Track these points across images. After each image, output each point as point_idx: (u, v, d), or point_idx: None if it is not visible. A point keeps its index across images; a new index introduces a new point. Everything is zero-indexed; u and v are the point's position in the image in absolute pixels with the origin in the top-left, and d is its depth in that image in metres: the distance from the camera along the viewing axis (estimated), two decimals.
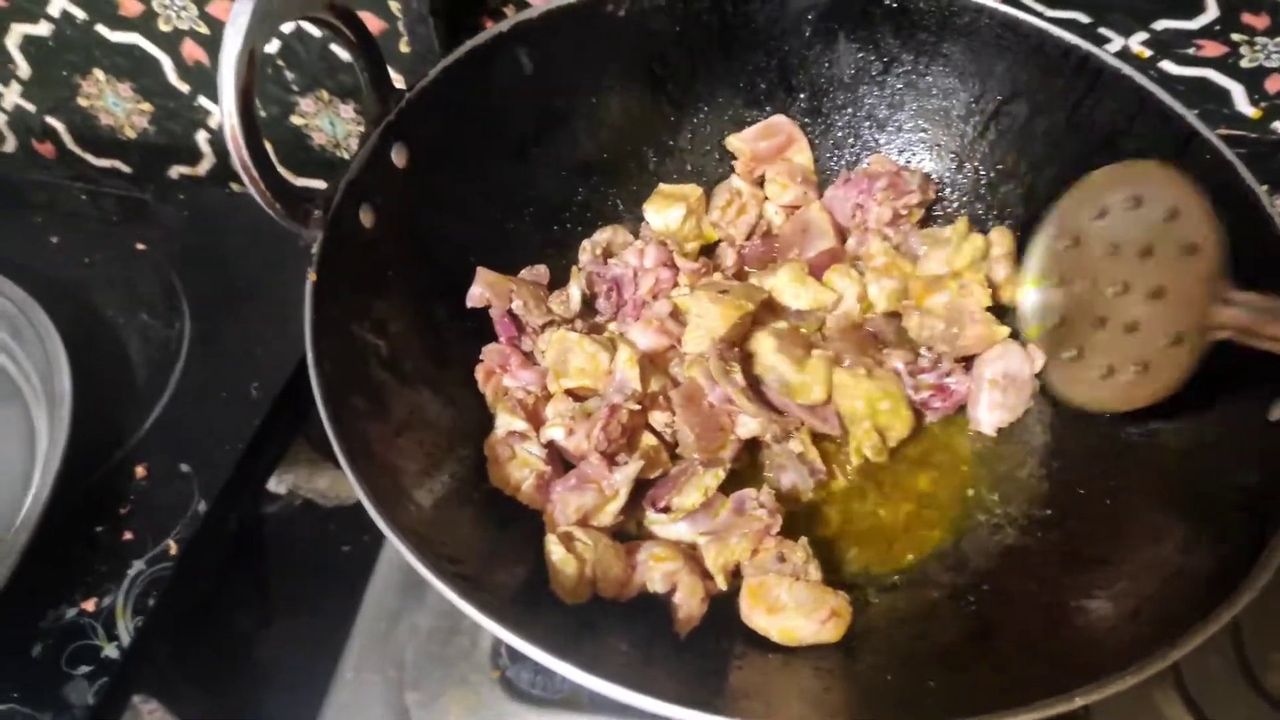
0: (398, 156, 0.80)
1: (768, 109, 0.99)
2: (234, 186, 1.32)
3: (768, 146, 0.98)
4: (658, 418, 0.82)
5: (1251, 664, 0.80)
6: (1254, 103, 1.07)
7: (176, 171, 1.33)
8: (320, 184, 1.27)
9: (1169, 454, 0.76)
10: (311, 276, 0.70)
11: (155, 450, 0.94)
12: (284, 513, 0.98)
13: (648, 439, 0.80)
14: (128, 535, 0.88)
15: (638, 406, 0.79)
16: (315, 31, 1.11)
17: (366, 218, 0.77)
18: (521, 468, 0.79)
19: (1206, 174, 0.77)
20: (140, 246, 1.12)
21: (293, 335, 0.99)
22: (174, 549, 0.87)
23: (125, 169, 1.34)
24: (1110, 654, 0.59)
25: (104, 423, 0.95)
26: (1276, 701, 0.78)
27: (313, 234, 0.71)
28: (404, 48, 1.09)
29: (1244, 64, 1.11)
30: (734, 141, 0.99)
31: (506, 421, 0.82)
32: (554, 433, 0.79)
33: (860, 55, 0.95)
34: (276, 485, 0.99)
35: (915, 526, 0.82)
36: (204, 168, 1.32)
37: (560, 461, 0.81)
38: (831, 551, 0.81)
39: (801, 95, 0.98)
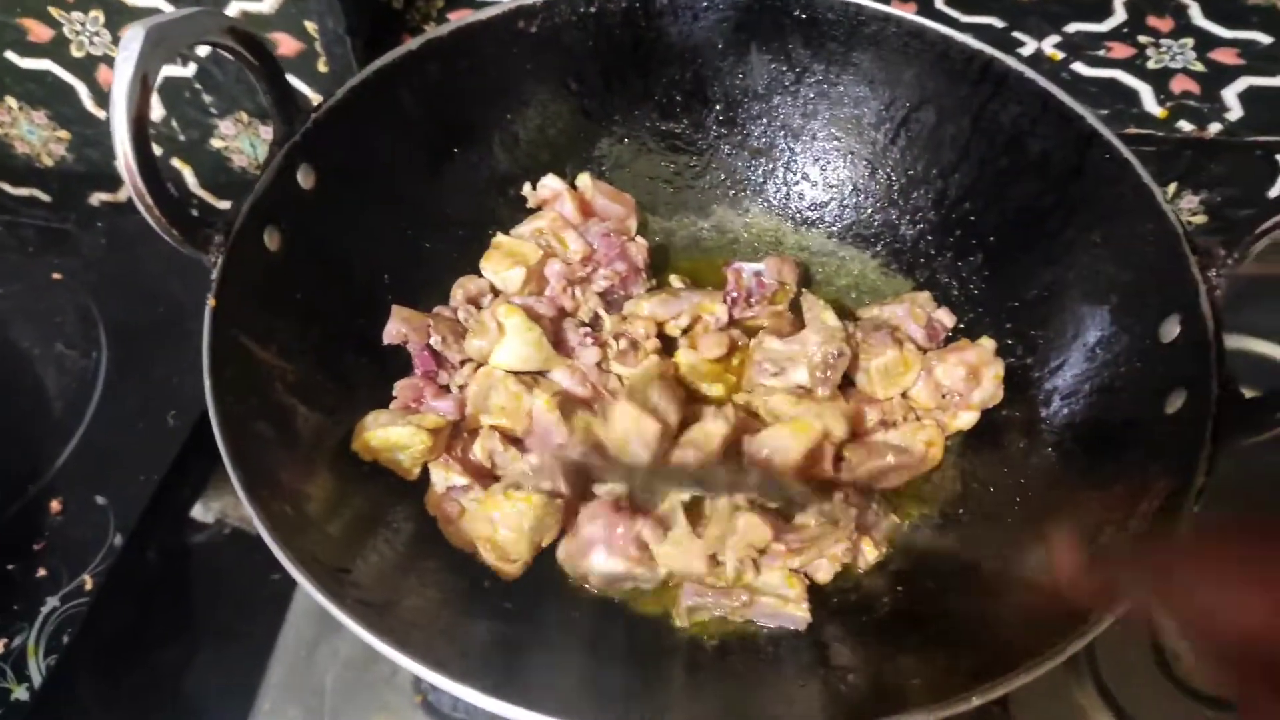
0: (304, 178, 0.79)
1: (684, 121, 1.00)
2: None
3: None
4: None
5: (1164, 653, 0.82)
6: (1161, 102, 1.10)
7: (97, 199, 1.31)
8: None
9: (1075, 452, 0.77)
10: (211, 302, 0.69)
11: (71, 483, 0.92)
12: (211, 541, 0.96)
13: None
14: (41, 572, 0.86)
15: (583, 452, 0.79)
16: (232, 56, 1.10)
17: (272, 240, 0.76)
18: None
19: (1107, 172, 0.79)
20: (56, 276, 1.10)
21: None
22: (90, 584, 0.86)
23: (44, 197, 1.31)
24: (1023, 646, 0.59)
25: (18, 457, 0.93)
26: (1188, 688, 0.80)
27: (213, 259, 0.70)
28: (322, 67, 1.08)
29: (1150, 65, 1.14)
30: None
31: (443, 477, 0.80)
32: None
33: (773, 66, 0.96)
34: (203, 514, 0.97)
35: None
36: (125, 194, 1.29)
37: None
38: None
39: (717, 107, 0.99)
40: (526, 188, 0.97)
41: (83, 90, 1.18)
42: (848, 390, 0.86)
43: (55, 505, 0.90)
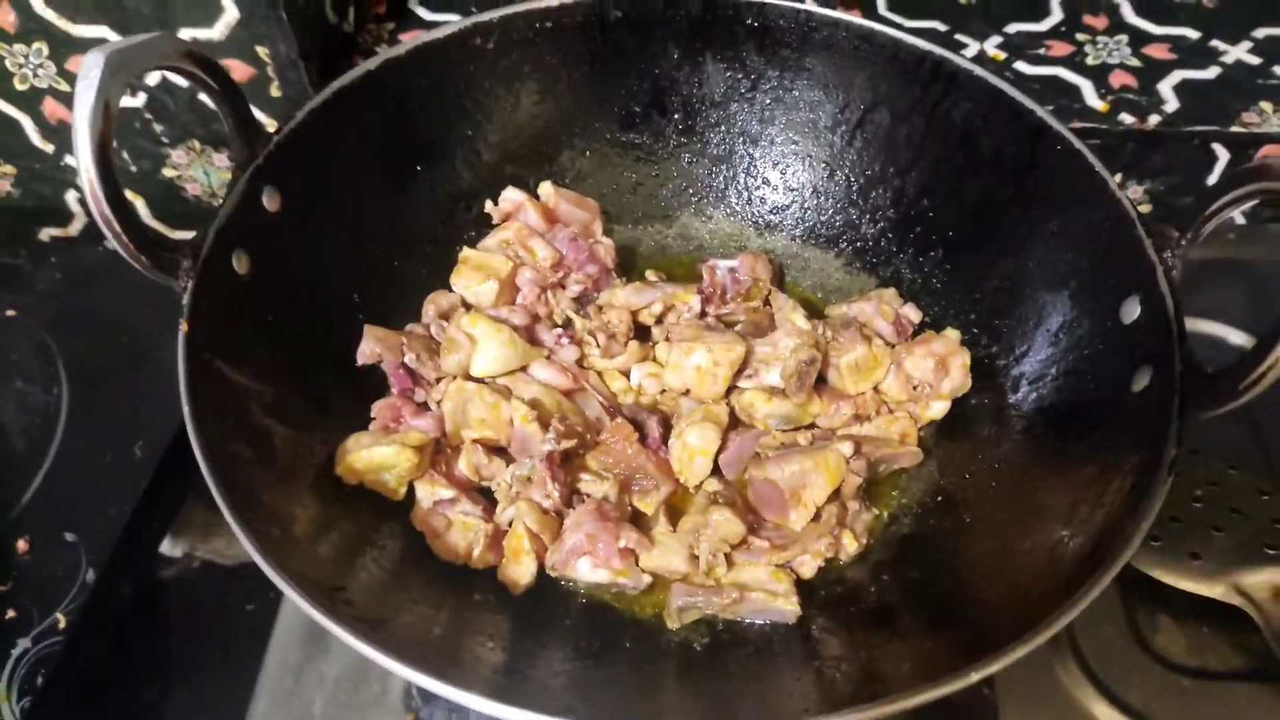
0: (269, 200, 0.79)
1: (644, 131, 1.01)
2: (108, 245, 1.28)
3: None
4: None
5: (1141, 628, 0.84)
6: (1101, 97, 1.14)
7: (47, 234, 1.28)
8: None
9: (1046, 434, 0.79)
10: (183, 327, 0.68)
11: (37, 521, 0.90)
12: (182, 576, 0.93)
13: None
14: (11, 614, 0.84)
15: (569, 444, 0.80)
16: (183, 83, 1.09)
17: (240, 264, 0.75)
18: (465, 533, 0.78)
19: (1059, 163, 0.81)
20: (10, 313, 1.08)
21: (177, 392, 0.99)
22: (63, 623, 0.83)
23: None
24: (1006, 627, 0.60)
25: None
26: (1166, 661, 0.82)
27: (183, 284, 0.69)
28: (276, 92, 1.08)
29: (1089, 61, 1.18)
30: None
31: (429, 492, 0.80)
32: (511, 514, 0.79)
33: (728, 74, 0.98)
34: (171, 549, 0.95)
35: None
36: (76, 228, 1.28)
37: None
38: None
39: (676, 116, 1.00)
40: (489, 204, 0.97)
41: (27, 124, 1.16)
42: (820, 387, 0.87)
43: (22, 544, 0.88)
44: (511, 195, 0.95)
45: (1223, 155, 1.13)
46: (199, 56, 0.72)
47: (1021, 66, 1.18)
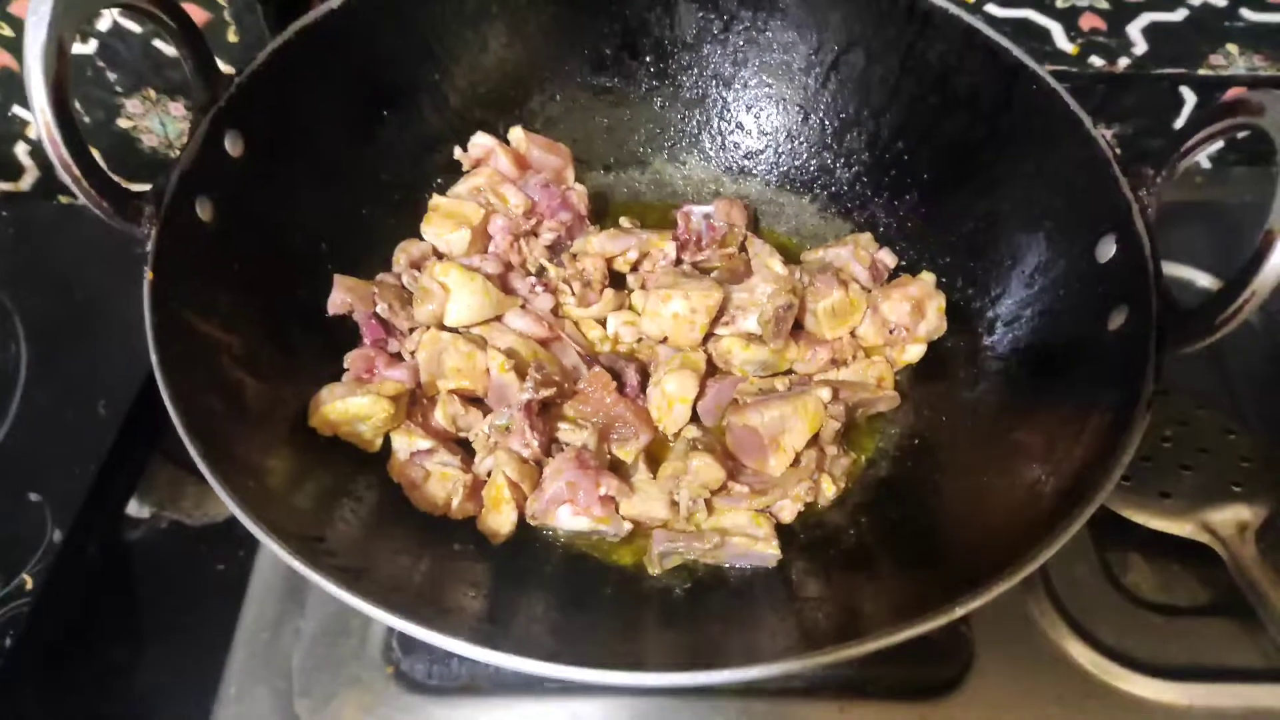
0: (232, 145, 0.76)
1: (615, 74, 0.99)
2: (62, 198, 1.24)
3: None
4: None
5: (1112, 566, 0.85)
6: (1071, 39, 1.13)
7: None
8: None
9: (1022, 374, 0.80)
10: (149, 275, 0.66)
11: (0, 482, 0.87)
12: (149, 537, 0.92)
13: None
14: None
15: (547, 394, 0.79)
16: (136, 28, 1.05)
17: (204, 211, 0.73)
18: (444, 483, 0.77)
19: (1035, 103, 0.81)
20: None
21: (140, 347, 0.94)
22: (30, 584, 0.82)
23: None
24: (985, 565, 0.61)
25: None
26: (1136, 598, 0.83)
27: (146, 232, 0.67)
28: (233, 37, 1.04)
29: (1059, 4, 1.17)
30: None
31: (405, 443, 0.79)
32: (490, 464, 0.78)
33: (700, 15, 0.96)
34: (138, 510, 0.94)
35: None
36: (27, 182, 1.23)
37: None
38: None
39: (647, 59, 0.98)
40: (458, 151, 0.95)
41: None
42: (796, 333, 0.87)
43: None
44: (481, 141, 0.93)
45: (1190, 98, 1.14)
46: None
47: (992, 9, 1.16)
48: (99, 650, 0.87)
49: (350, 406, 0.75)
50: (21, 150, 1.20)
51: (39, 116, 0.61)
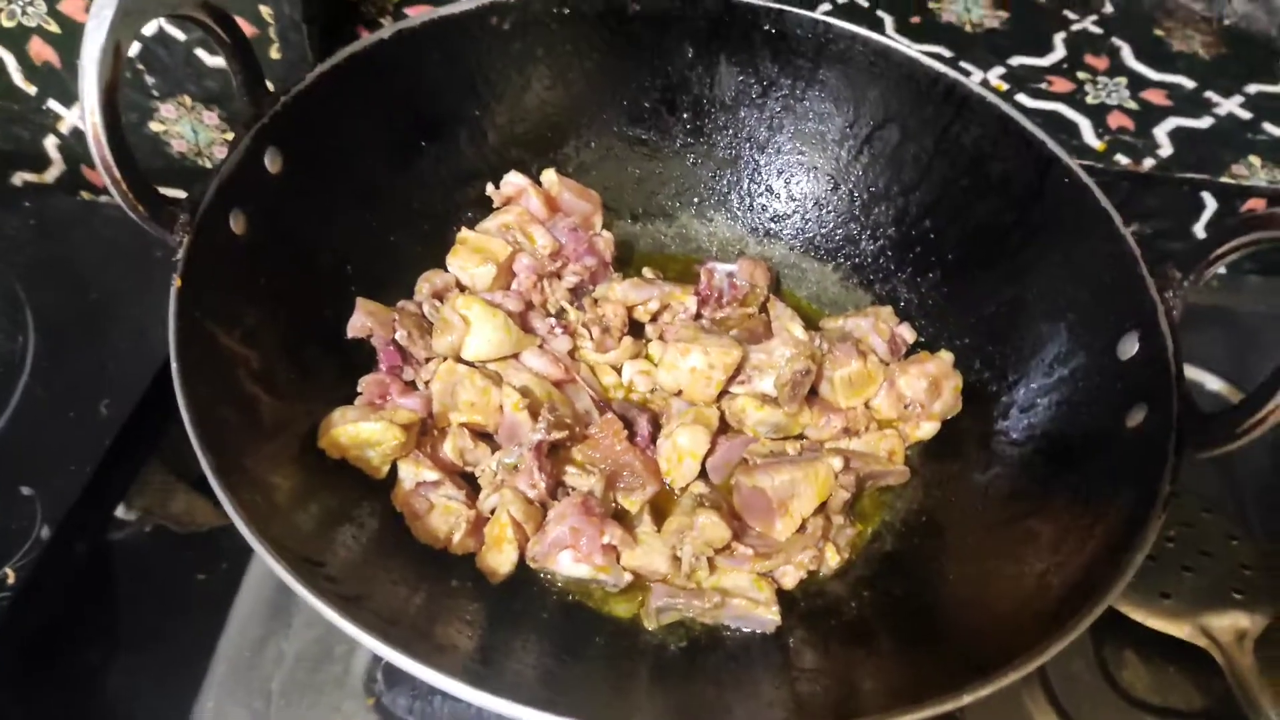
0: (271, 162, 0.77)
1: (652, 128, 1.00)
2: (85, 194, 1.24)
3: None
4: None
5: (1108, 662, 0.84)
6: (1099, 136, 1.15)
7: (21, 178, 1.24)
8: (178, 194, 1.22)
9: (1036, 462, 0.80)
10: (176, 282, 0.66)
11: None
12: (133, 540, 0.91)
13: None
14: None
15: (559, 436, 0.78)
16: (180, 34, 1.06)
17: (238, 224, 0.73)
18: (447, 517, 0.76)
19: (1066, 195, 0.82)
20: None
21: (148, 350, 0.96)
22: (12, 578, 0.80)
23: None
24: (989, 652, 0.60)
25: None
26: (1131, 697, 0.82)
27: (179, 240, 0.67)
28: (275, 54, 1.05)
29: (1089, 100, 1.20)
30: None
31: (412, 473, 0.78)
32: (495, 501, 0.77)
33: (740, 78, 0.97)
34: (125, 511, 0.92)
35: None
36: (52, 175, 1.24)
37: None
38: None
39: (685, 115, 1.00)
40: (490, 187, 0.96)
41: (11, 62, 1.12)
42: (811, 398, 0.87)
43: None
44: (514, 180, 0.94)
45: (1210, 204, 1.15)
46: (214, 8, 0.70)
47: (1023, 99, 1.19)
48: (76, 650, 0.85)
49: (361, 431, 0.75)
50: (51, 143, 1.20)
51: (87, 118, 0.62)
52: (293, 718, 0.77)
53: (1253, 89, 1.23)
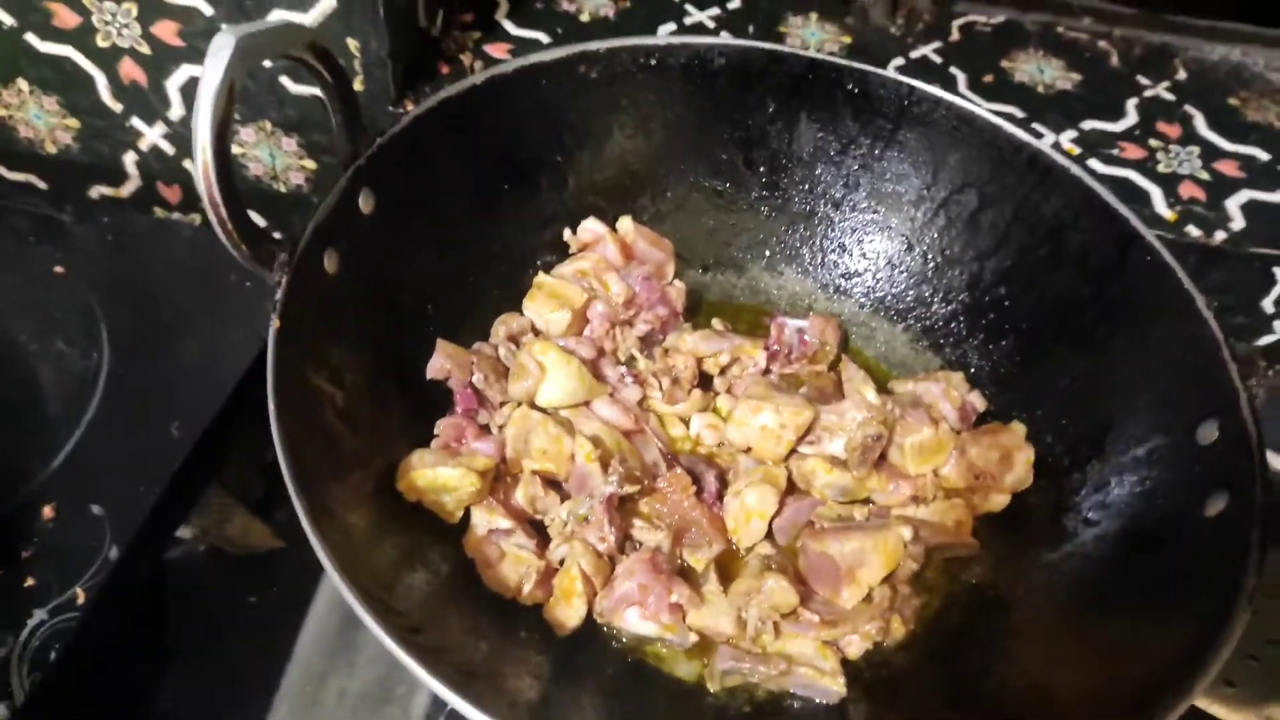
0: (364, 202, 0.78)
1: (728, 180, 1.01)
2: (158, 211, 1.27)
3: None
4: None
5: None
6: (1170, 205, 1.15)
7: (98, 191, 1.27)
8: (251, 215, 1.24)
9: (1108, 544, 0.79)
10: (275, 322, 0.67)
11: (65, 489, 0.87)
12: (187, 559, 0.92)
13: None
14: (30, 581, 0.81)
15: (631, 489, 0.79)
16: (267, 62, 1.08)
17: (330, 263, 0.74)
18: (518, 566, 0.76)
19: (1148, 273, 0.81)
20: (59, 270, 1.06)
21: (219, 373, 0.98)
22: (81, 598, 0.81)
23: (41, 185, 1.26)
24: None
25: (9, 455, 0.88)
26: None
27: (278, 279, 0.68)
28: (359, 86, 1.07)
29: (1160, 169, 1.19)
30: None
31: (485, 520, 0.79)
32: (564, 552, 0.78)
33: (820, 135, 0.98)
34: (181, 530, 0.93)
35: None
36: (127, 190, 1.26)
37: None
38: None
39: (761, 169, 1.00)
40: (567, 232, 0.97)
41: (101, 81, 1.15)
42: (879, 463, 0.87)
43: (48, 511, 0.86)
44: (592, 226, 0.95)
45: None
46: (320, 49, 0.71)
47: (1094, 164, 1.18)
48: (133, 670, 0.86)
49: (440, 476, 0.75)
50: (130, 159, 1.23)
51: (199, 155, 0.63)
52: None
53: None
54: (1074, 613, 0.75)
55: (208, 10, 1.05)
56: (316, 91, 0.75)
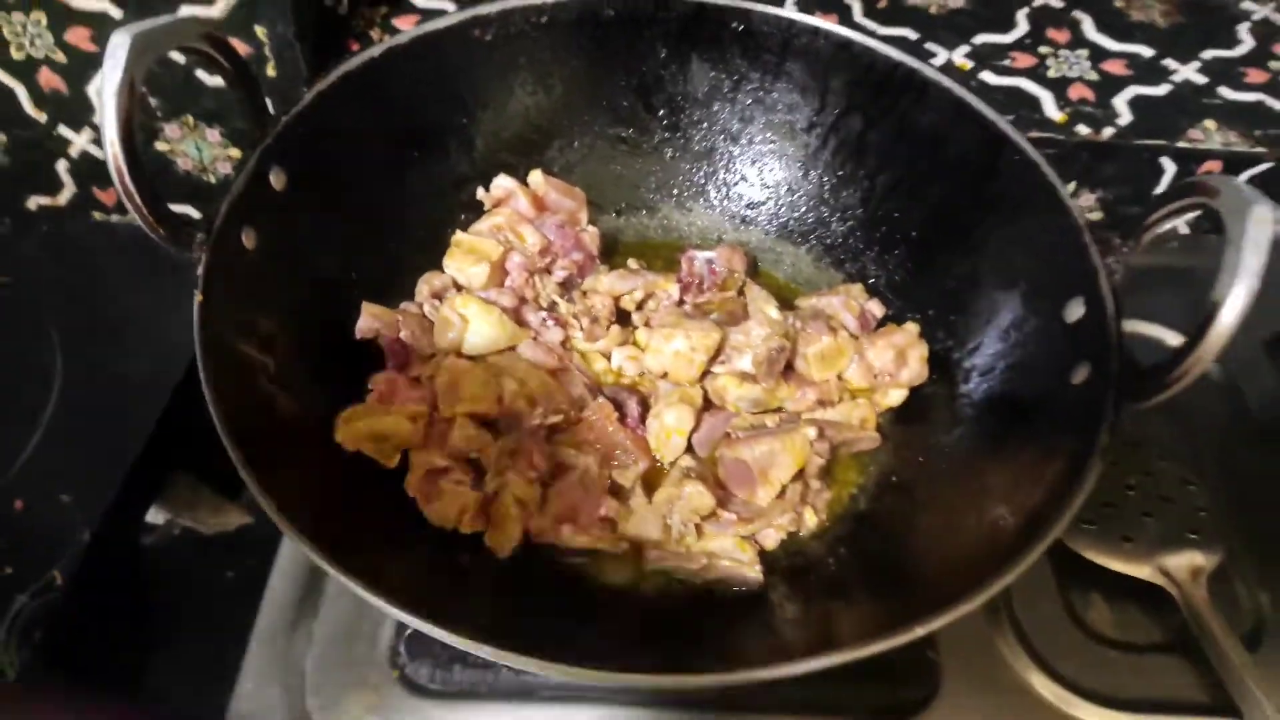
0: (276, 179, 0.82)
1: (631, 126, 1.06)
2: (97, 215, 1.30)
3: None
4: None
5: (1075, 605, 0.91)
6: (1060, 108, 1.20)
7: (35, 202, 1.30)
8: (188, 209, 1.27)
9: (993, 421, 0.86)
10: (198, 297, 0.72)
11: (32, 483, 0.93)
12: (162, 543, 0.97)
13: None
14: (8, 569, 0.87)
15: (555, 420, 0.85)
16: (180, 57, 1.12)
17: (248, 239, 0.79)
18: (456, 500, 0.82)
19: (1017, 172, 0.87)
20: (3, 279, 1.10)
21: (169, 359, 1.02)
22: (59, 579, 0.87)
23: None
24: (950, 593, 0.66)
25: None
26: (1096, 635, 0.89)
27: (197, 257, 0.73)
28: (271, 72, 1.11)
29: (1050, 74, 1.24)
30: None
31: (423, 461, 0.84)
32: (499, 483, 0.83)
33: (712, 74, 1.03)
34: (153, 515, 0.98)
35: None
36: (64, 198, 1.30)
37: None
38: None
39: (661, 113, 1.05)
40: (480, 191, 1.01)
41: (21, 92, 1.17)
42: (787, 373, 0.93)
43: (18, 504, 0.91)
44: (503, 183, 1.00)
45: (1169, 167, 1.20)
46: (217, 39, 0.76)
47: (987, 76, 1.24)
48: (116, 646, 0.91)
49: (376, 425, 0.81)
50: (62, 167, 1.26)
51: (108, 149, 0.67)
52: (325, 692, 0.83)
53: (1209, 54, 1.28)
54: (965, 484, 0.82)
55: (116, 13, 1.08)
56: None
